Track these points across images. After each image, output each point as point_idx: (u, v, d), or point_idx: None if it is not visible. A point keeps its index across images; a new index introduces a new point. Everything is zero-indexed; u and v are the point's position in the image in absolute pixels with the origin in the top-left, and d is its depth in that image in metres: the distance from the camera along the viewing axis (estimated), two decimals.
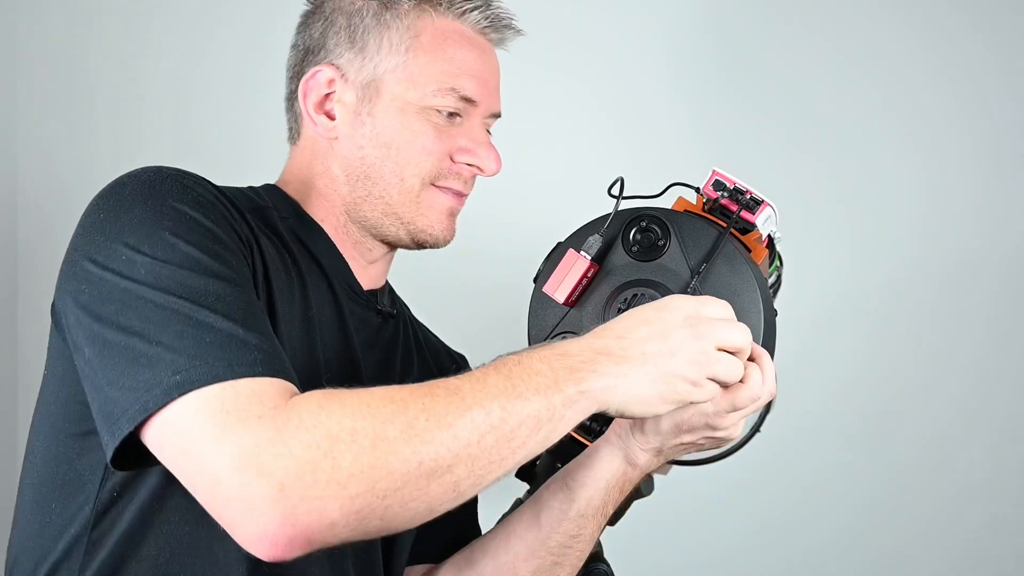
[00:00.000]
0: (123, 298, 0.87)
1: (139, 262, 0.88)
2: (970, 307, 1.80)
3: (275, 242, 1.04)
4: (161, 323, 0.85)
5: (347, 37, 1.10)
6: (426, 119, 1.09)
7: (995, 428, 1.78)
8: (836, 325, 1.82)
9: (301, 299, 1.04)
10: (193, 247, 0.89)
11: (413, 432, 0.81)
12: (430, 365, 1.23)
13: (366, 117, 1.09)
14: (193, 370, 0.82)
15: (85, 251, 0.91)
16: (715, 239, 1.02)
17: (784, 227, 1.12)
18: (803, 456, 1.78)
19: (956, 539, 1.79)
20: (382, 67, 1.09)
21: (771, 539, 1.83)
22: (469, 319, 1.67)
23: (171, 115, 1.97)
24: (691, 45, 1.88)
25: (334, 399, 0.82)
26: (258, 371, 0.83)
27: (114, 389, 0.85)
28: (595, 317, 1.04)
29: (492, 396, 0.84)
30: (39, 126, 1.99)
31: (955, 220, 1.81)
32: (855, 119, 1.83)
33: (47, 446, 0.99)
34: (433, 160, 1.10)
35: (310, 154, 1.13)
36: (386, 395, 0.83)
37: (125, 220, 0.91)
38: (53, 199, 1.95)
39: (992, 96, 1.80)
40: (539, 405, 0.85)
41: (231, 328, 0.85)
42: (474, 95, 1.11)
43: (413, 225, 1.11)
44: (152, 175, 0.95)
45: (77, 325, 0.90)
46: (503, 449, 0.84)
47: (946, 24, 1.81)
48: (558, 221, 1.12)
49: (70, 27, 1.99)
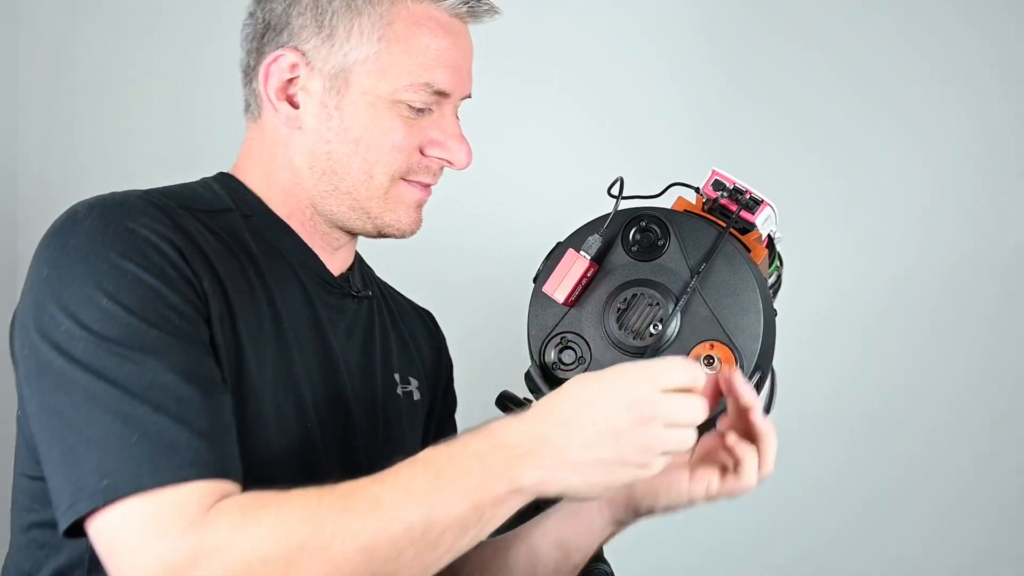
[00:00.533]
0: (58, 375, 0.87)
1: (76, 335, 0.87)
2: (969, 307, 1.80)
3: (237, 256, 1.01)
4: (91, 413, 0.85)
5: (313, 20, 1.03)
6: (396, 114, 1.04)
7: (993, 427, 1.78)
8: (835, 324, 1.82)
9: (271, 316, 1.01)
10: (132, 315, 0.88)
11: (326, 557, 0.81)
12: (405, 337, 1.21)
13: (333, 110, 1.04)
14: (117, 475, 0.83)
15: (31, 311, 0.91)
16: (715, 239, 1.02)
17: (784, 227, 1.12)
18: (803, 455, 1.78)
19: (955, 538, 1.79)
20: (352, 57, 1.03)
21: (771, 538, 1.83)
22: (469, 319, 1.67)
23: (171, 115, 1.97)
24: (691, 45, 1.88)
25: (250, 517, 0.82)
26: (182, 476, 0.83)
27: (54, 475, 0.87)
28: (595, 317, 1.04)
29: (415, 505, 0.82)
30: (39, 126, 2.00)
31: (954, 220, 1.81)
32: (855, 119, 1.83)
33: (25, 488, 0.99)
34: (403, 156, 1.05)
35: (271, 141, 1.07)
36: (303, 512, 0.82)
37: (67, 281, 0.90)
38: (53, 199, 1.94)
39: (992, 97, 1.80)
40: (466, 509, 0.83)
41: (161, 424, 0.85)
42: (447, 87, 1.05)
43: (380, 220, 1.08)
44: (97, 221, 0.93)
45: (21, 383, 0.92)
46: (426, 558, 0.84)
47: (945, 24, 1.81)
48: (558, 221, 1.12)
49: (70, 28, 1.99)
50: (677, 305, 1.01)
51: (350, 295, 1.12)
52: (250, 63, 1.08)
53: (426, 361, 1.24)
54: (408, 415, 1.17)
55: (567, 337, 1.04)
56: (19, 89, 1.99)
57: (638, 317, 1.02)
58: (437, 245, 1.68)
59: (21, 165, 1.99)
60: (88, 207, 0.95)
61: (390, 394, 1.15)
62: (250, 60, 1.08)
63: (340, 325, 1.10)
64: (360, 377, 1.11)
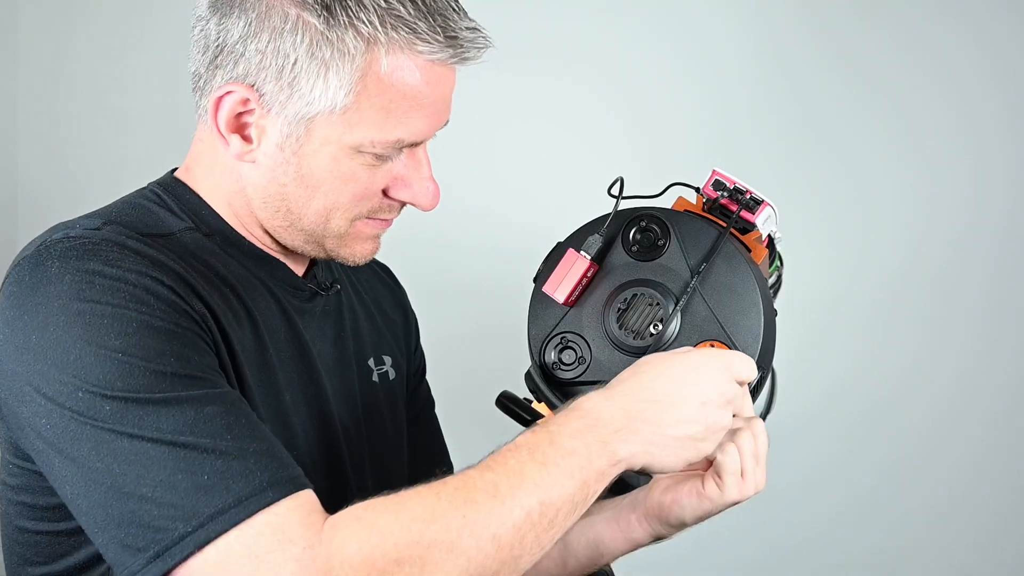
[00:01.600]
0: (95, 440, 0.81)
1: (100, 399, 0.81)
2: (960, 305, 1.81)
3: (214, 283, 0.95)
4: (148, 468, 0.79)
5: (275, 63, 0.91)
6: (360, 163, 0.95)
7: (987, 427, 1.79)
8: (835, 324, 1.83)
9: (255, 342, 0.97)
10: (152, 362, 0.82)
11: (459, 551, 0.80)
12: (372, 311, 1.18)
13: (291, 155, 0.94)
14: (203, 518, 0.78)
15: (27, 378, 0.83)
16: (715, 239, 1.02)
17: (784, 227, 1.12)
18: (802, 454, 1.78)
19: (950, 535, 1.80)
20: (315, 107, 0.92)
21: (772, 537, 1.83)
22: (469, 318, 1.67)
23: (170, 115, 1.96)
24: (691, 45, 1.88)
25: (373, 528, 0.80)
26: (268, 498, 0.80)
27: (116, 534, 0.81)
28: (595, 317, 1.04)
29: (530, 491, 0.83)
30: (39, 126, 1.99)
31: (944, 219, 1.82)
32: (854, 119, 1.83)
33: (26, 541, 0.95)
34: (364, 203, 0.98)
35: (222, 162, 0.99)
36: (425, 512, 0.80)
37: (67, 346, 0.82)
38: (53, 199, 1.94)
39: (986, 99, 1.81)
40: (575, 487, 0.85)
41: (224, 453, 0.80)
42: (420, 138, 0.96)
43: (336, 254, 1.02)
44: (76, 275, 0.84)
45: (48, 455, 0.84)
46: (543, 539, 0.84)
47: (939, 28, 1.82)
48: (558, 221, 1.12)
49: (70, 27, 1.99)
50: (677, 305, 1.01)
51: (318, 294, 1.08)
52: (200, 73, 0.97)
53: (397, 330, 1.22)
54: (386, 398, 1.16)
55: (567, 337, 1.04)
56: (19, 89, 1.99)
57: (638, 317, 1.02)
58: (436, 245, 1.68)
59: (21, 165, 1.99)
60: (59, 260, 0.86)
61: (366, 384, 1.13)
62: (200, 70, 0.97)
63: (313, 327, 1.07)
64: (337, 375, 1.09)
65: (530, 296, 1.07)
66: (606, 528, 1.09)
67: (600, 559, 1.11)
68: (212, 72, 0.95)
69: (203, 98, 0.97)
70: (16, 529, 0.96)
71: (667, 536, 1.07)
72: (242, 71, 0.93)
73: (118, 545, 0.81)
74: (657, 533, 1.06)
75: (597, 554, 1.10)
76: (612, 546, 1.09)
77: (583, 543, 1.11)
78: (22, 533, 0.95)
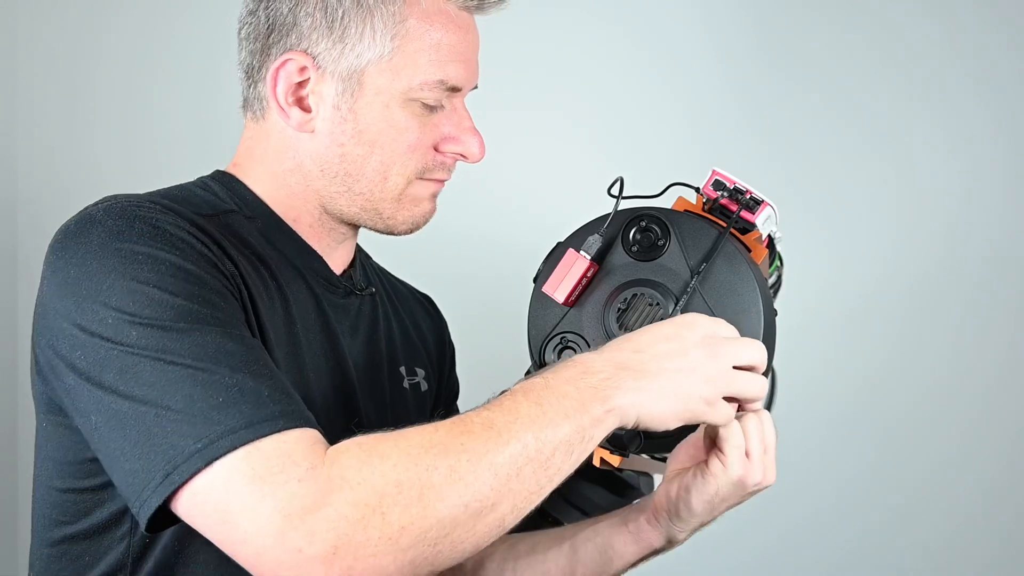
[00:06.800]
0: (121, 364, 0.85)
1: (128, 325, 0.85)
2: (945, 305, 1.81)
3: (250, 259, 1.00)
4: (167, 388, 0.83)
5: (324, 21, 1.01)
6: (410, 112, 1.03)
7: (971, 421, 1.79)
8: (833, 323, 1.82)
9: (284, 317, 1.01)
10: (180, 298, 0.87)
11: (457, 476, 0.81)
12: (407, 327, 1.22)
13: (347, 113, 1.02)
14: (213, 436, 0.81)
15: (65, 313, 0.88)
16: (715, 239, 1.02)
17: (784, 227, 1.12)
18: (804, 453, 1.78)
19: (976, 541, 1.80)
20: (365, 57, 1.01)
21: (771, 535, 1.83)
22: (468, 319, 1.67)
23: (170, 115, 1.97)
24: (692, 46, 1.88)
25: (373, 452, 0.82)
26: (279, 425, 0.82)
27: (133, 461, 0.83)
28: (595, 317, 1.04)
29: (525, 427, 0.84)
30: (39, 125, 2.00)
31: (931, 219, 1.82)
32: (854, 119, 1.83)
33: (55, 501, 0.98)
34: (418, 156, 1.04)
35: (277, 144, 1.05)
36: (424, 440, 0.83)
37: (101, 277, 0.87)
38: (53, 199, 1.95)
39: (973, 100, 1.81)
40: (570, 429, 0.85)
41: (240, 381, 0.84)
42: (459, 82, 1.04)
43: (393, 219, 1.07)
44: (118, 220, 0.91)
45: (77, 389, 0.88)
46: (541, 478, 0.84)
47: (935, 32, 1.82)
48: (558, 221, 1.12)
49: (70, 26, 1.99)
50: (677, 305, 1.01)
51: (353, 293, 1.13)
52: (253, 63, 1.05)
53: (430, 349, 1.25)
54: (416, 407, 1.18)
55: (567, 337, 1.04)
56: (19, 88, 1.99)
57: (638, 317, 1.02)
58: (436, 245, 1.68)
59: (21, 165, 1.99)
60: (103, 210, 0.92)
61: (397, 388, 1.16)
62: (253, 60, 1.05)
63: (345, 324, 1.10)
64: (367, 374, 1.11)
65: (530, 296, 1.07)
66: (615, 532, 1.09)
67: (610, 566, 1.10)
68: (266, 53, 1.04)
69: (257, 85, 1.05)
70: (47, 489, 0.99)
71: (679, 537, 1.06)
72: (295, 39, 1.02)
73: (131, 474, 0.84)
74: (669, 533, 1.06)
75: (607, 560, 1.10)
76: (622, 551, 1.09)
77: (591, 549, 1.10)
78: (51, 492, 0.98)
